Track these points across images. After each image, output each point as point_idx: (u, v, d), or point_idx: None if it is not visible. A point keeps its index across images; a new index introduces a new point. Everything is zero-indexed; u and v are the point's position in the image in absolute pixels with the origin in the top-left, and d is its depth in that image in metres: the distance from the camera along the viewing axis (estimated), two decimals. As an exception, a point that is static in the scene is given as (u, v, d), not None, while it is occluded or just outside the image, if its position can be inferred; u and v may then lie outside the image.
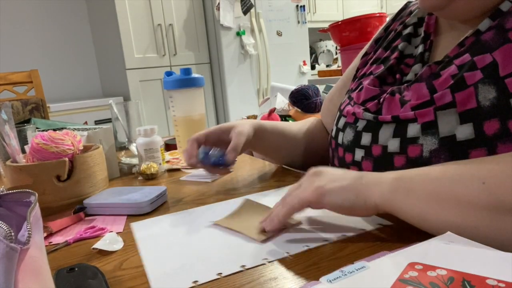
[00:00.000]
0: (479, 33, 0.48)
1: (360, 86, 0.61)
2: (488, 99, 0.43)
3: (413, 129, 0.48)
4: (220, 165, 0.65)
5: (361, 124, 0.57)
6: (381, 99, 0.55)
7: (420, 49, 0.57)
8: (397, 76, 0.58)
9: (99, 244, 0.47)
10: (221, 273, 0.38)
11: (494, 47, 0.45)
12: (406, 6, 0.68)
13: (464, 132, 0.44)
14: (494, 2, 0.47)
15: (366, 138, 0.55)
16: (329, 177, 0.44)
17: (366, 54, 0.69)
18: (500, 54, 0.44)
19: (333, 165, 0.65)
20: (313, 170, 0.47)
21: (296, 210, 0.44)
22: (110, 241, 0.48)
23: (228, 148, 0.65)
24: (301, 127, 0.78)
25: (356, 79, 0.67)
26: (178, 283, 0.37)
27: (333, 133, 0.64)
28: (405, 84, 0.54)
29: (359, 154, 0.56)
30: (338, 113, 0.65)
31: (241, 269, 0.39)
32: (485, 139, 0.43)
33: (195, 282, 0.37)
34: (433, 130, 0.46)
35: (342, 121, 0.61)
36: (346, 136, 0.59)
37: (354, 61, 0.74)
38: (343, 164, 0.60)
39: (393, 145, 0.50)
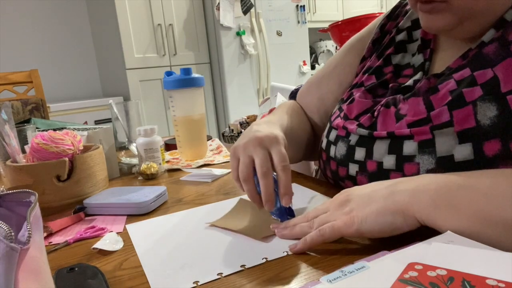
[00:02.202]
0: (483, 45, 0.46)
1: (351, 98, 0.59)
2: (489, 117, 0.41)
3: (409, 147, 0.47)
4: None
5: (353, 138, 0.54)
6: (375, 112, 0.53)
7: (419, 58, 0.55)
8: (392, 85, 0.55)
9: (99, 244, 0.47)
10: (221, 273, 0.38)
11: (495, 62, 0.43)
12: (400, 3, 0.65)
13: (463, 152, 0.42)
14: (499, 14, 0.45)
15: (359, 153, 0.53)
16: (358, 201, 0.41)
17: (364, 58, 0.66)
18: (502, 69, 0.42)
19: (325, 175, 0.63)
20: (340, 196, 0.44)
21: (326, 240, 0.40)
22: (110, 241, 0.48)
23: (281, 194, 0.47)
24: (296, 121, 0.69)
25: (349, 88, 0.64)
26: (178, 284, 0.37)
27: (323, 145, 0.61)
28: (401, 96, 0.52)
29: (353, 169, 0.54)
30: (328, 124, 0.63)
31: (241, 269, 0.39)
32: (485, 160, 0.41)
33: (196, 282, 0.37)
34: (431, 149, 0.45)
35: (333, 134, 0.59)
36: (338, 150, 0.57)
37: (344, 53, 0.70)
38: (337, 177, 0.58)
39: (389, 161, 0.49)
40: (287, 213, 0.49)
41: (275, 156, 0.47)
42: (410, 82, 0.53)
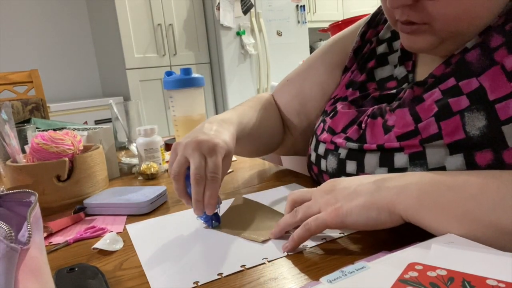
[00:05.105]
0: (466, 51, 0.45)
1: (334, 111, 0.58)
2: (478, 128, 0.41)
3: (400, 159, 0.46)
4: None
5: (343, 152, 0.54)
6: (363, 124, 0.52)
7: (402, 70, 0.54)
8: (374, 95, 0.55)
9: (99, 244, 0.47)
10: (221, 273, 0.38)
11: (479, 71, 0.42)
12: (380, 10, 0.63)
13: (455, 163, 0.42)
14: (481, 29, 0.44)
15: (351, 166, 0.52)
16: (344, 194, 0.41)
17: (347, 68, 0.64)
18: (487, 79, 0.41)
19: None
20: (326, 184, 0.44)
21: (313, 233, 0.41)
22: (110, 241, 0.48)
23: (205, 203, 0.48)
24: (261, 117, 0.68)
25: (332, 100, 0.63)
26: (178, 284, 0.37)
27: (313, 159, 0.61)
28: (386, 105, 0.51)
29: None
30: (314, 138, 0.62)
31: (241, 269, 0.39)
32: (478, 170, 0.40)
33: (196, 282, 0.37)
34: (422, 161, 0.44)
35: (322, 147, 0.58)
36: (329, 164, 0.56)
37: (328, 62, 0.68)
38: None
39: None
40: (213, 219, 0.50)
41: (208, 165, 0.48)
42: (393, 90, 0.53)
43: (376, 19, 0.63)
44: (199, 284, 0.37)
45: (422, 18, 0.44)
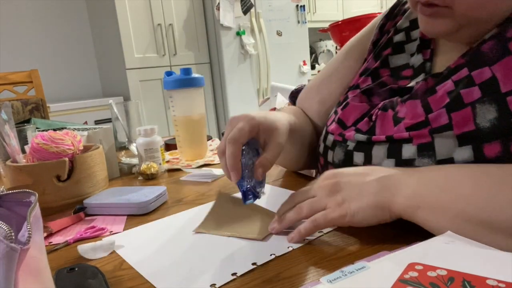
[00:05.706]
0: (483, 42, 0.45)
1: (346, 102, 0.58)
2: (488, 119, 0.41)
3: (408, 150, 0.46)
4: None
5: (351, 144, 0.54)
6: (373, 116, 0.52)
7: (419, 58, 0.54)
8: (391, 86, 0.55)
9: (83, 251, 0.45)
10: (236, 273, 0.38)
11: (493, 60, 0.42)
12: (399, 2, 0.63)
13: (463, 155, 0.42)
14: (501, 19, 0.44)
15: (358, 158, 0.52)
16: (350, 192, 0.43)
17: (365, 60, 0.64)
18: (500, 69, 0.41)
19: None
20: (327, 181, 0.45)
21: (319, 229, 0.44)
22: (97, 249, 0.46)
23: (257, 162, 0.49)
24: (302, 123, 0.67)
25: (347, 90, 0.62)
26: None
27: (321, 150, 0.60)
28: (398, 98, 0.51)
29: None
30: (325, 128, 0.61)
31: (253, 267, 0.39)
32: (486, 162, 0.40)
33: (213, 285, 0.37)
34: (430, 152, 0.44)
35: (330, 139, 0.58)
36: (336, 155, 0.56)
37: (344, 57, 0.68)
38: None
39: (388, 166, 0.48)
40: (247, 194, 0.47)
41: (230, 132, 0.48)
42: (412, 83, 0.52)
43: (395, 12, 0.63)
44: (216, 286, 0.36)
45: (444, 0, 0.44)
